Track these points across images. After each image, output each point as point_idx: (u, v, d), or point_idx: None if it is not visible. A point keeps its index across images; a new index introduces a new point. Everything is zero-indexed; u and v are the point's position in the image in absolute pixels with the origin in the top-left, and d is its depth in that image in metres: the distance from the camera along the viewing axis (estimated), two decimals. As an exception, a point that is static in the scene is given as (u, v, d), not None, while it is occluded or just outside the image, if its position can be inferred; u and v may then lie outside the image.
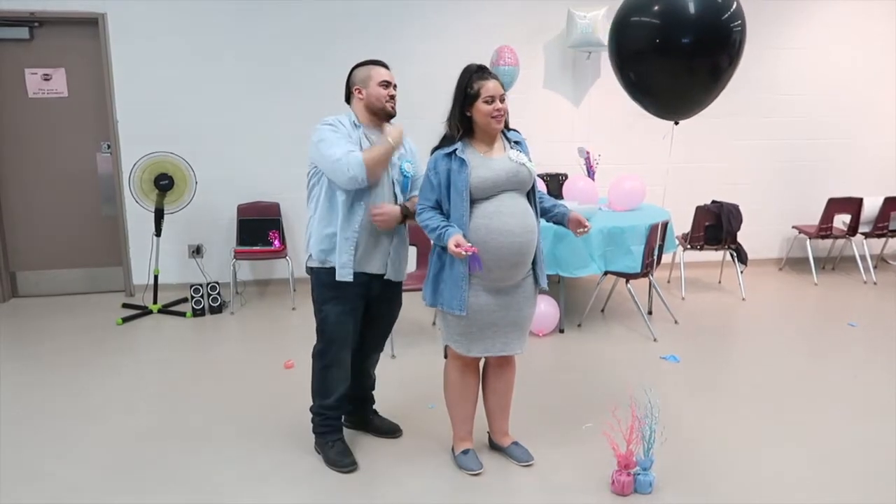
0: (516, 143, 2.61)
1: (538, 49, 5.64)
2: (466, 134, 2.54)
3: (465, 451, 2.76)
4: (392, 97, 2.69)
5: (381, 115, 2.70)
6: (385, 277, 2.75)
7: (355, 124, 2.67)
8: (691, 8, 3.16)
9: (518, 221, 2.48)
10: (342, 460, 2.74)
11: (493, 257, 2.47)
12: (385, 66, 2.74)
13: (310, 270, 2.73)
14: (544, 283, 2.67)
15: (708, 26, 3.19)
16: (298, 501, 2.54)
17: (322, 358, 2.74)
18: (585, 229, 2.63)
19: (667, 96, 3.47)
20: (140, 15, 5.06)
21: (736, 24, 3.20)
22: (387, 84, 2.68)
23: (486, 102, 2.46)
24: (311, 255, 2.71)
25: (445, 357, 2.76)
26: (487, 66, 5.35)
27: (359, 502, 2.54)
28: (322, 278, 2.68)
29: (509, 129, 2.63)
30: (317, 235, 2.66)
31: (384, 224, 2.64)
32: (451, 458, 2.80)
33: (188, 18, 5.13)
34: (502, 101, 2.49)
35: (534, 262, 2.61)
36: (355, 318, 2.72)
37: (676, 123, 3.60)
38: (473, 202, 2.49)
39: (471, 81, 2.49)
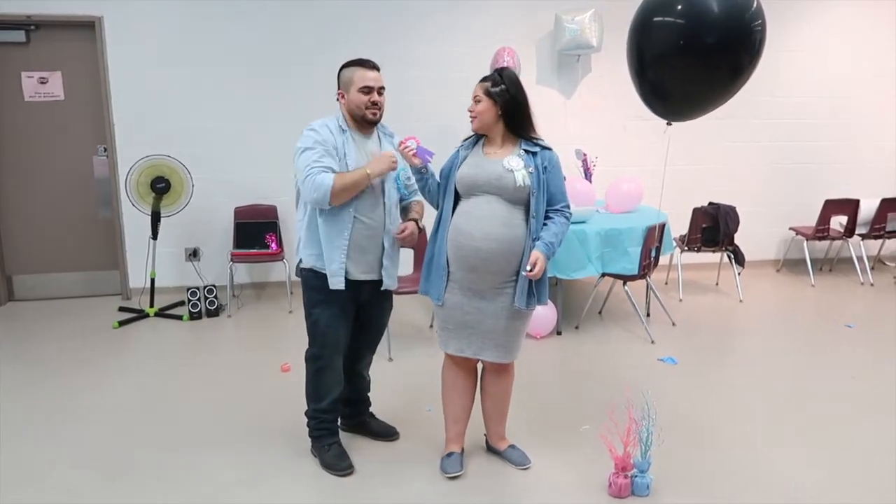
0: (528, 151, 2.50)
1: (529, 52, 5.63)
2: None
3: (449, 454, 2.74)
4: (374, 104, 2.58)
5: (362, 122, 2.63)
6: (382, 288, 2.74)
7: (342, 128, 2.62)
8: (714, 7, 3.16)
9: (481, 226, 2.46)
10: (338, 464, 2.73)
11: (453, 256, 2.53)
12: (372, 66, 2.60)
13: (300, 273, 2.71)
14: (521, 303, 2.51)
15: (730, 26, 3.18)
16: (295, 505, 2.54)
17: (314, 362, 2.73)
18: (529, 272, 2.43)
19: (683, 96, 3.45)
20: (136, 18, 5.06)
21: (756, 23, 3.19)
22: (368, 90, 2.56)
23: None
24: (301, 259, 2.69)
25: None
26: (489, 68, 5.37)
27: (355, 506, 2.54)
28: (311, 282, 2.67)
29: (526, 138, 2.53)
30: (306, 240, 2.65)
31: (410, 241, 2.69)
32: (446, 461, 2.80)
33: (185, 22, 5.13)
34: (477, 103, 2.50)
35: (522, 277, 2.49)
36: (346, 321, 2.71)
37: (669, 124, 3.60)
38: (459, 198, 2.55)
39: None
